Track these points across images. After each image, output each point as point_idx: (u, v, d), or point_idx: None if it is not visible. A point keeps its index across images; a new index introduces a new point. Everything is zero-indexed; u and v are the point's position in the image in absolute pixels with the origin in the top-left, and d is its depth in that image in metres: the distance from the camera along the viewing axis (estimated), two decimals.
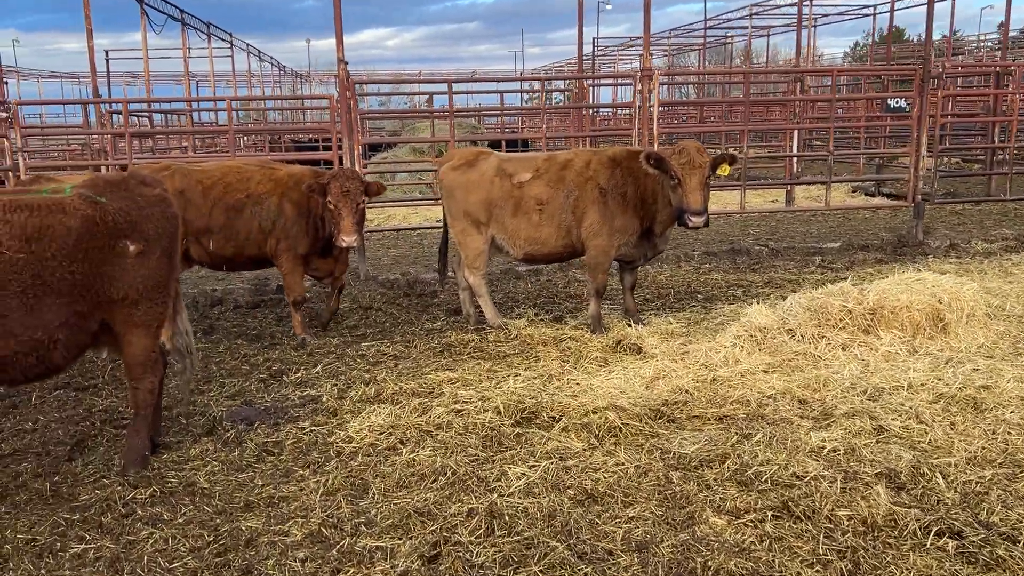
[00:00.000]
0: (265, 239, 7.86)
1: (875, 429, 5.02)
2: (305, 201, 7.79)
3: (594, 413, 5.31)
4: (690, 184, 6.73)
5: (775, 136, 20.62)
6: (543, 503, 4.23)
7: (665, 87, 27.08)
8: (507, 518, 4.10)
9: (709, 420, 5.23)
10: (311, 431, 5.52)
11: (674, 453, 4.78)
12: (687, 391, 5.73)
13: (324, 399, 6.15)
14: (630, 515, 4.15)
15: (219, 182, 7.90)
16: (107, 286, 4.69)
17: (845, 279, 9.59)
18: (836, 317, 6.35)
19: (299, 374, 6.91)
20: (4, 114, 9.56)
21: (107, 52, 24.49)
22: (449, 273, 8.86)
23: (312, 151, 17.89)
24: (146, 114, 17.52)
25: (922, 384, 5.62)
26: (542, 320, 8.23)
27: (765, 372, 5.99)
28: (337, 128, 10.62)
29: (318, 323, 8.41)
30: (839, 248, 11.51)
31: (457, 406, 5.67)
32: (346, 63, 10.47)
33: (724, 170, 6.92)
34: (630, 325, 7.66)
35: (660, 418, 5.28)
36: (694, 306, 8.63)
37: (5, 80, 9.72)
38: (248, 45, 31.46)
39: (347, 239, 7.36)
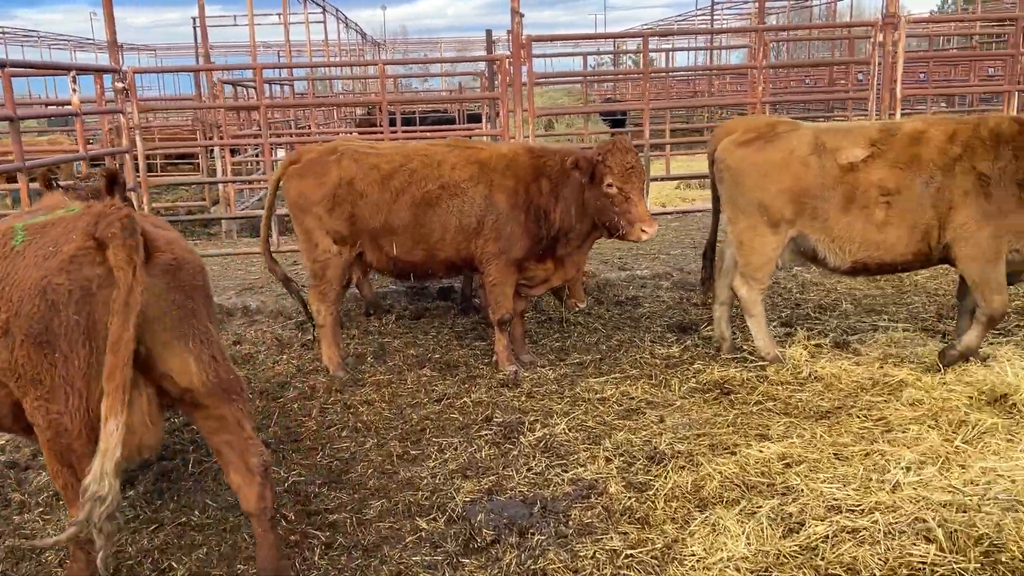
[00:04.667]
0: (467, 240, 6.00)
1: None
2: (523, 189, 5.91)
3: None
4: None
5: None
6: None
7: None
8: None
9: None
10: (630, 557, 3.63)
11: None
12: None
13: (610, 489, 4.25)
14: None
15: (402, 168, 6.05)
16: None
17: None
18: None
19: (537, 432, 5.05)
20: (120, 84, 7.85)
21: (193, 19, 22.97)
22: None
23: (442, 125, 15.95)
24: (252, 84, 15.83)
25: None
26: (819, 346, 6.21)
27: None
28: (508, 96, 8.66)
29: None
30: None
31: (843, 520, 3.71)
32: (522, 15, 8.50)
33: None
34: (970, 360, 5.61)
35: None
36: (1018, 324, 6.50)
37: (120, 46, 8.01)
38: (337, 11, 29.66)
39: (650, 229, 5.55)
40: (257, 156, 14.57)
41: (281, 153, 15.06)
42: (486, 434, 5.10)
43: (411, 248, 6.06)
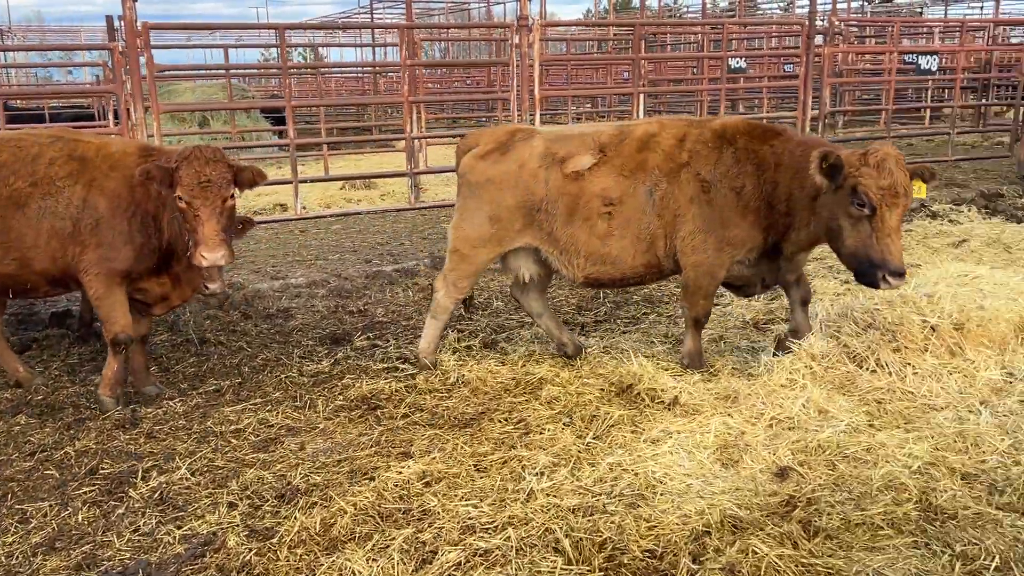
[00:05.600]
0: (64, 247, 5.09)
1: None
2: (128, 192, 5.10)
3: (712, 535, 3.41)
4: (891, 222, 4.45)
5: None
6: None
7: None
8: None
9: (882, 529, 3.50)
10: None
11: None
12: (795, 470, 3.98)
13: (229, 542, 3.70)
14: None
15: None
16: None
17: None
18: (919, 337, 4.88)
19: (152, 481, 4.35)
20: None
21: None
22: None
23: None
24: None
25: None
26: (470, 347, 6.14)
27: (873, 427, 4.38)
28: (126, 91, 7.64)
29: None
30: None
31: (476, 541, 3.51)
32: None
33: (919, 191, 4.70)
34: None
35: (814, 535, 3.46)
36: (645, 312, 6.92)
37: None
38: None
39: (210, 255, 4.75)
40: None
41: None
42: (88, 491, 4.29)
43: (2, 257, 5.07)
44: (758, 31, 21.03)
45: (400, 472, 4.20)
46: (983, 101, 14.89)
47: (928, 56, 11.07)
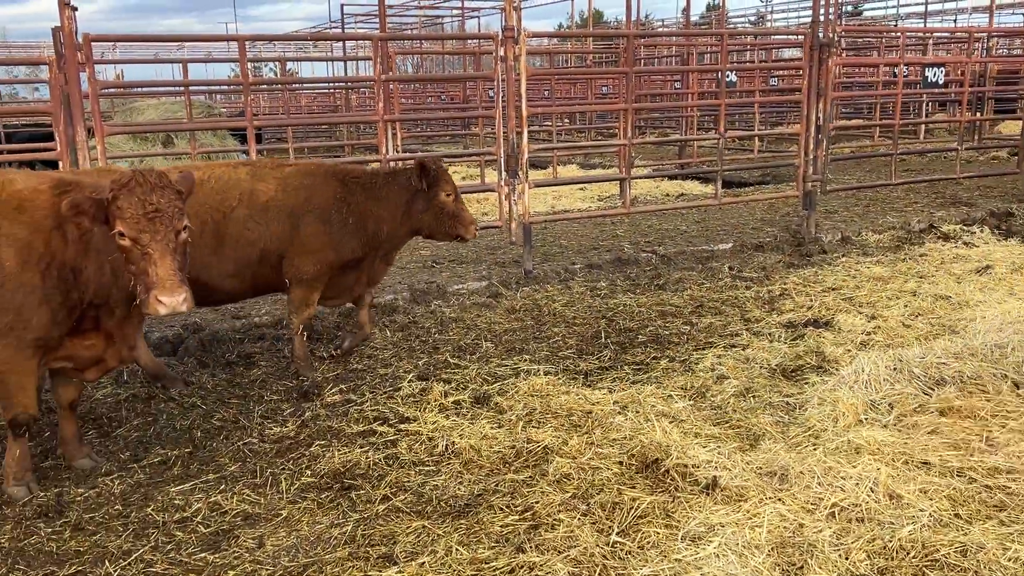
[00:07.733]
0: None
1: None
2: (41, 241, 4.17)
3: None
4: None
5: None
6: None
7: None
8: None
9: None
10: None
11: None
12: None
13: None
14: None
15: None
16: None
17: (771, 289, 7.74)
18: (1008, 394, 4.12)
19: None
20: None
21: None
22: None
23: None
24: None
25: None
26: (458, 403, 5.32)
27: (960, 518, 3.60)
28: (64, 110, 6.76)
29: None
30: (732, 249, 9.63)
31: None
32: (74, 7, 6.66)
33: None
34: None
35: None
36: (655, 356, 6.12)
37: None
38: None
39: (169, 300, 3.87)
40: None
41: None
42: None
43: None
44: (738, 44, 20.42)
45: None
46: (978, 115, 14.35)
47: (935, 68, 10.46)
